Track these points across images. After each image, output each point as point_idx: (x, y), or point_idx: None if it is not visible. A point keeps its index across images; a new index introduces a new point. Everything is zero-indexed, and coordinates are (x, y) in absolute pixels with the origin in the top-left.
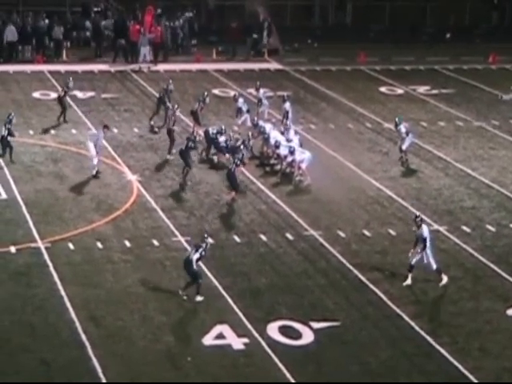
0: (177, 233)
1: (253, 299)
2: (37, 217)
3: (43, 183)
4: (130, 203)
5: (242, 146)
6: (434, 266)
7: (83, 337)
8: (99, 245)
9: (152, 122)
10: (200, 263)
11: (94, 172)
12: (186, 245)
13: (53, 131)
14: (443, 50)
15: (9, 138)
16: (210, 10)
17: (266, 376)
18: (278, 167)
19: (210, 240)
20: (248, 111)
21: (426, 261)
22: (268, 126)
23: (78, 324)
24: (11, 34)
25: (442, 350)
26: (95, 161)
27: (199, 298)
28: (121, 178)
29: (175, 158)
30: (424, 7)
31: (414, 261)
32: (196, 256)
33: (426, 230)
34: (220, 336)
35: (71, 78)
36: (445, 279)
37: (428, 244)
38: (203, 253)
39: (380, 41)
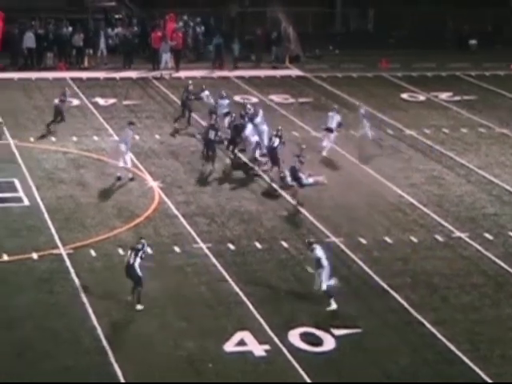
0: (198, 239)
1: (274, 306)
2: (59, 223)
3: (65, 190)
4: (151, 210)
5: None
6: (324, 287)
7: (105, 343)
8: (121, 251)
9: (176, 125)
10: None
11: (123, 176)
12: (207, 251)
13: (75, 138)
14: (465, 57)
15: None
16: (232, 17)
17: (287, 383)
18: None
19: (144, 240)
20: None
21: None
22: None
23: (99, 330)
24: (30, 40)
25: (464, 357)
26: (123, 163)
27: (140, 307)
28: (142, 185)
29: (195, 166)
30: (446, 14)
31: (323, 286)
32: (138, 261)
33: (320, 252)
34: (241, 343)
35: (67, 88)
36: (333, 306)
37: (324, 263)
38: (143, 255)
39: (402, 47)
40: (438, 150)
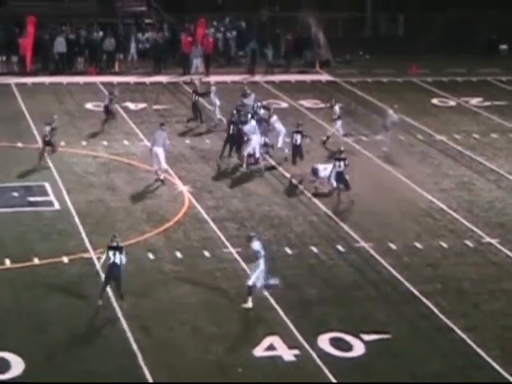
0: (228, 244)
1: (303, 311)
2: (89, 227)
3: (95, 194)
4: (181, 214)
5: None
6: (250, 283)
7: (134, 346)
8: (150, 256)
9: (189, 124)
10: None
11: (162, 177)
12: (236, 256)
13: (105, 142)
14: (495, 62)
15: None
16: (263, 21)
17: None
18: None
19: (118, 238)
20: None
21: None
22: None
23: (129, 334)
24: (61, 45)
25: (494, 363)
26: (156, 167)
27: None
28: (172, 189)
29: (225, 171)
30: (476, 19)
31: (250, 281)
32: (124, 259)
33: (257, 245)
34: (271, 347)
35: (116, 89)
36: (249, 304)
37: (259, 258)
38: (125, 253)
39: (431, 52)
40: (469, 156)
